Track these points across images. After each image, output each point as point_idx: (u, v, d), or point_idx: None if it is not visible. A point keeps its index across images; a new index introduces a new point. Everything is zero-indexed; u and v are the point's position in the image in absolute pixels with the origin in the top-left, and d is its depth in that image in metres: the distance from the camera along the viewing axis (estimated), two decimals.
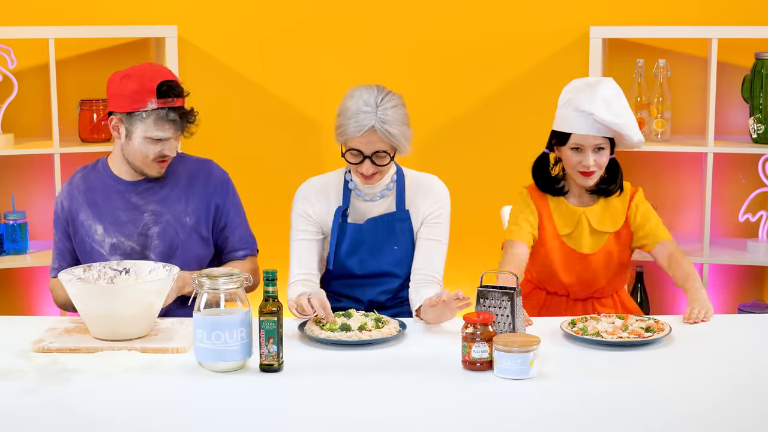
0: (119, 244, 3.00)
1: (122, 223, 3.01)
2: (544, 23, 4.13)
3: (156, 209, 3.02)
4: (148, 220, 3.01)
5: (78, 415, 2.22)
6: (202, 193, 3.05)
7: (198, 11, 4.14)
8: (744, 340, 2.72)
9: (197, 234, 3.04)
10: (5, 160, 4.08)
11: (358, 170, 2.95)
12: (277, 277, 2.47)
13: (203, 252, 3.07)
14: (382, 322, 2.70)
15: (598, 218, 3.17)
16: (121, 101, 2.92)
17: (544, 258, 3.18)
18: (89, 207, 3.02)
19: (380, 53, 4.18)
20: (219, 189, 3.07)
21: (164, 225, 3.01)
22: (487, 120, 4.22)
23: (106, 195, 3.03)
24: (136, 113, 2.91)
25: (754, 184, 4.08)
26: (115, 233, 3.00)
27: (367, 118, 2.87)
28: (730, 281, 4.20)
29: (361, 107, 2.89)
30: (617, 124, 3.05)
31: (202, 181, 3.06)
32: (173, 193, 3.03)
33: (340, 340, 2.63)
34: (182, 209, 3.03)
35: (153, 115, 2.91)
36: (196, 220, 3.04)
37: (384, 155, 2.92)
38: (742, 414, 2.22)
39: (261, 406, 2.28)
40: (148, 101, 2.90)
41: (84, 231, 3.02)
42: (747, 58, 4.03)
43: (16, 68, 3.95)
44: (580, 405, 2.27)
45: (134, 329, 2.65)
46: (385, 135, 2.88)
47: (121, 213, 3.01)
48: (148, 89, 2.89)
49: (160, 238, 3.00)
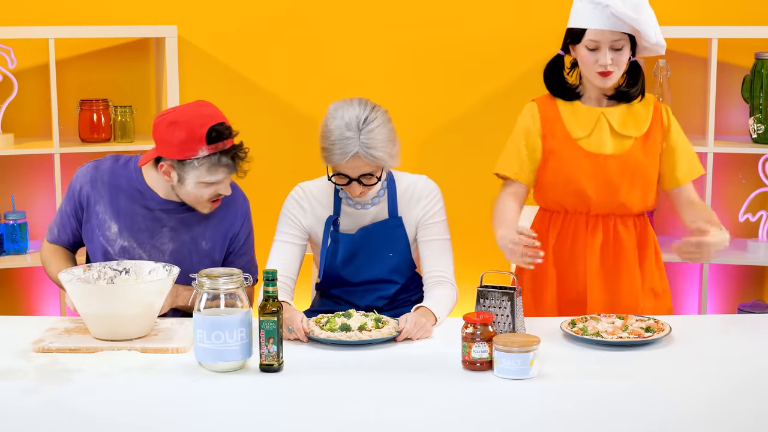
0: (130, 248, 2.98)
1: (139, 230, 2.98)
2: (544, 23, 4.13)
3: (176, 227, 2.99)
4: (166, 236, 2.99)
5: (78, 415, 2.22)
6: (222, 220, 3.03)
7: (198, 11, 4.14)
8: (744, 340, 2.71)
9: (209, 259, 3.02)
10: (5, 160, 4.08)
11: (346, 189, 2.94)
12: (277, 277, 2.47)
13: None
14: (381, 323, 2.70)
15: (621, 120, 2.99)
16: (170, 149, 2.85)
17: (558, 169, 3.00)
18: (110, 203, 2.98)
19: (380, 53, 4.18)
20: (239, 218, 3.06)
21: (179, 245, 2.99)
22: (486, 120, 4.22)
23: (130, 198, 2.98)
24: (188, 161, 2.85)
25: (754, 184, 4.08)
26: (129, 237, 2.98)
27: (351, 144, 2.81)
28: (730, 281, 4.20)
29: (344, 132, 2.82)
30: (634, 19, 2.87)
31: (224, 209, 3.03)
32: (195, 215, 3.00)
33: (340, 340, 2.63)
34: (201, 233, 3.01)
35: (205, 162, 2.84)
36: (211, 246, 3.02)
37: (370, 177, 2.89)
38: (742, 414, 2.22)
39: (261, 406, 2.28)
40: (198, 149, 2.83)
41: (97, 222, 2.99)
42: (747, 58, 4.03)
43: (16, 68, 3.95)
44: (580, 405, 2.27)
45: (134, 329, 2.65)
46: (370, 159, 2.83)
47: (141, 219, 2.98)
48: (198, 137, 2.82)
49: (173, 257, 2.98)
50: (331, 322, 2.70)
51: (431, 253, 2.98)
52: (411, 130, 4.17)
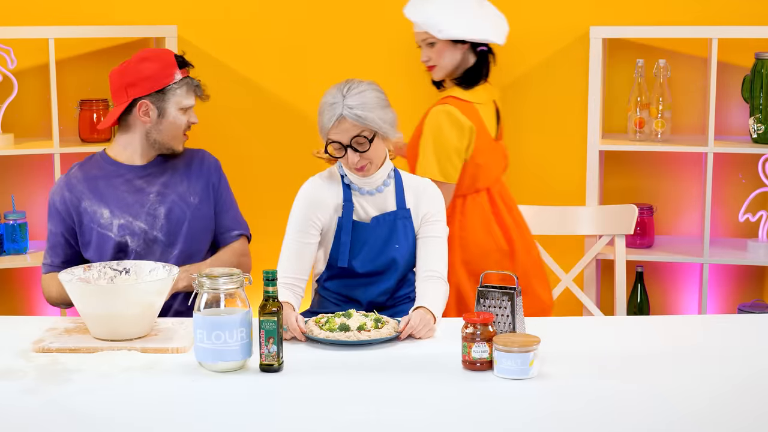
0: (127, 224, 3.04)
1: (129, 204, 3.06)
2: (544, 23, 4.13)
3: (160, 190, 3.09)
4: (154, 200, 3.08)
5: (78, 415, 2.22)
6: (200, 175, 3.15)
7: (198, 11, 4.14)
8: (744, 340, 2.71)
9: (201, 212, 3.11)
10: (5, 160, 4.08)
11: (345, 163, 2.95)
12: (277, 277, 2.47)
13: (209, 228, 3.14)
14: (381, 323, 2.70)
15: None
16: (148, 83, 3.02)
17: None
18: (92, 193, 3.06)
19: (380, 53, 4.18)
20: (214, 171, 3.18)
21: (170, 204, 3.08)
22: None
23: (109, 181, 3.08)
24: (168, 88, 3.03)
25: (754, 184, 4.08)
26: (123, 214, 3.05)
27: (336, 107, 2.91)
28: (730, 281, 4.20)
29: (329, 99, 2.93)
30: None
31: (197, 165, 3.17)
32: (174, 177, 3.12)
33: (339, 341, 2.63)
34: (185, 190, 3.11)
35: (183, 84, 3.06)
36: (200, 199, 3.12)
37: (363, 141, 2.92)
38: (743, 414, 2.22)
39: (261, 406, 2.28)
40: (174, 73, 3.04)
41: (89, 218, 3.05)
42: (747, 58, 4.03)
43: (16, 68, 3.95)
44: (580, 405, 2.27)
45: (134, 329, 2.65)
46: (355, 119, 2.90)
47: (127, 195, 3.07)
48: (170, 62, 3.04)
49: (168, 218, 3.07)
50: (330, 322, 2.69)
51: (429, 250, 2.99)
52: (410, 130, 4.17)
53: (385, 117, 2.94)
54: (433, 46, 3.39)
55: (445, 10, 3.37)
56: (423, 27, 3.38)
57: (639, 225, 3.99)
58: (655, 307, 4.19)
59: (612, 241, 3.55)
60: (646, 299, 4.05)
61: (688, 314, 4.14)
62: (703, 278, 3.93)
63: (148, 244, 3.04)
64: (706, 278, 3.93)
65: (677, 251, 4.01)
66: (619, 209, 3.49)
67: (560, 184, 4.19)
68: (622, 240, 3.45)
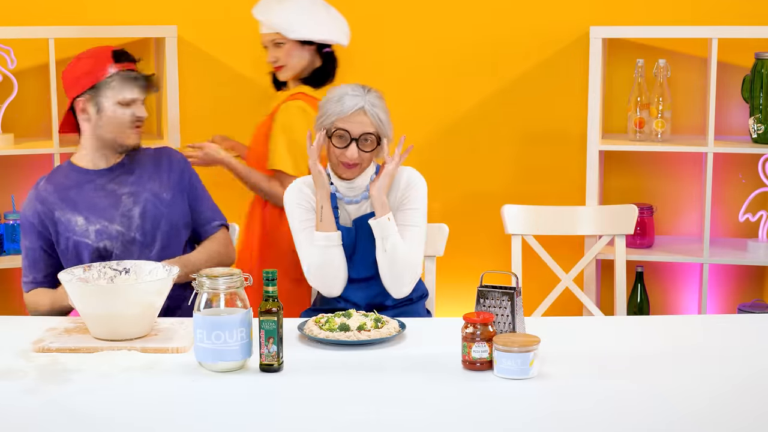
0: (103, 229, 3.03)
1: (102, 209, 3.05)
2: (544, 23, 4.13)
3: (132, 190, 3.09)
4: (127, 202, 3.07)
5: (78, 415, 2.22)
6: (171, 170, 3.16)
7: (198, 11, 4.14)
8: (744, 340, 2.71)
9: (177, 206, 3.12)
10: (5, 160, 4.08)
11: (342, 157, 2.93)
12: (276, 277, 2.47)
13: (184, 222, 3.13)
14: (381, 322, 2.70)
15: None
16: (82, 81, 3.04)
17: None
18: (64, 203, 3.06)
19: (380, 54, 4.18)
20: (184, 166, 3.20)
21: (144, 203, 3.07)
22: (487, 120, 4.22)
23: (79, 188, 3.08)
24: (101, 83, 3.03)
25: (754, 184, 4.08)
26: (98, 219, 3.04)
27: (356, 99, 2.93)
28: (730, 281, 4.20)
29: (349, 92, 2.95)
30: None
31: (166, 162, 3.17)
32: (144, 176, 3.12)
33: (339, 340, 2.63)
34: (157, 187, 3.11)
35: (116, 78, 3.04)
36: (173, 194, 3.12)
37: (371, 140, 2.92)
38: (742, 414, 2.22)
39: (261, 406, 2.28)
40: (107, 67, 3.03)
41: (63, 227, 3.04)
42: (747, 58, 4.03)
43: (16, 68, 3.96)
44: (580, 405, 2.27)
45: (134, 329, 2.65)
46: (375, 117, 2.93)
47: (99, 200, 3.06)
48: (103, 58, 3.05)
49: (143, 217, 3.06)
50: (330, 322, 2.69)
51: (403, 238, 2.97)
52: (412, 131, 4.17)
53: (390, 126, 2.99)
54: (282, 47, 3.54)
55: (295, 12, 3.51)
56: (273, 27, 3.53)
57: (639, 225, 3.99)
58: (655, 307, 4.19)
59: (612, 241, 3.55)
60: (646, 299, 4.05)
61: (688, 314, 4.14)
62: (703, 278, 3.93)
63: (126, 246, 3.03)
64: (706, 278, 3.93)
65: (677, 251, 4.01)
66: (619, 209, 3.49)
67: (560, 184, 4.19)
68: (622, 240, 3.45)
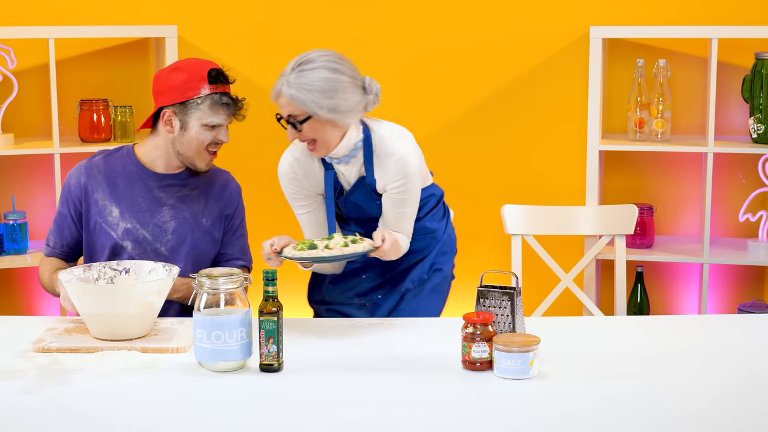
0: (133, 230, 3.01)
1: (140, 210, 3.03)
2: (544, 23, 4.13)
3: (176, 205, 3.05)
4: (166, 214, 3.03)
5: (78, 415, 2.22)
6: (219, 198, 3.10)
7: (198, 11, 4.14)
8: (744, 340, 2.72)
9: (210, 236, 3.07)
10: (5, 160, 4.09)
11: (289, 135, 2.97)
12: (277, 276, 2.47)
13: (212, 252, 3.10)
14: (357, 242, 2.73)
15: None
16: (172, 93, 2.97)
17: None
18: (108, 187, 3.03)
19: (380, 54, 4.18)
20: (234, 198, 3.14)
21: (181, 221, 3.04)
22: (487, 120, 4.22)
23: (128, 180, 3.05)
24: (191, 101, 2.97)
25: (754, 184, 4.08)
26: (131, 219, 3.02)
27: (279, 82, 2.90)
28: (730, 281, 4.20)
29: (283, 71, 2.90)
30: None
31: (220, 188, 3.11)
32: (193, 194, 3.07)
33: (303, 257, 2.67)
34: (200, 210, 3.06)
35: (207, 100, 2.98)
36: (211, 223, 3.07)
37: (300, 119, 2.88)
38: (742, 414, 2.22)
39: (261, 406, 2.28)
40: (200, 88, 2.96)
41: (97, 210, 3.02)
42: (747, 58, 4.03)
43: (16, 68, 3.95)
44: (580, 405, 2.27)
45: (134, 329, 2.65)
46: (290, 98, 2.86)
47: (141, 200, 3.03)
48: (199, 76, 2.96)
49: (175, 234, 3.03)
50: (304, 243, 2.73)
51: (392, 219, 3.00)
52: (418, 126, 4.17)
53: (324, 102, 2.84)
54: None
55: None
56: None
57: (639, 225, 3.99)
58: (655, 307, 4.19)
59: (612, 241, 3.55)
60: (646, 299, 4.05)
61: (688, 314, 4.14)
62: (703, 278, 3.93)
63: (148, 254, 3.01)
64: (706, 278, 3.93)
65: (677, 251, 4.01)
66: (619, 209, 3.49)
67: (560, 184, 4.20)
68: (622, 240, 3.45)
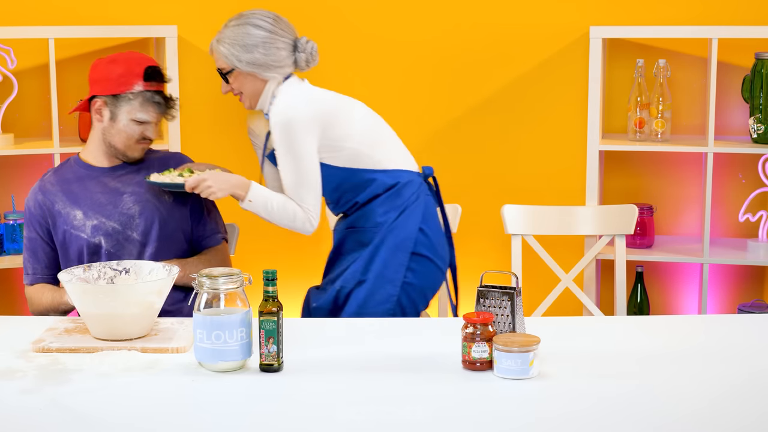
0: (100, 225, 3.06)
1: (102, 205, 3.09)
2: (544, 23, 4.13)
3: (135, 190, 3.12)
4: (128, 201, 3.10)
5: (78, 415, 2.22)
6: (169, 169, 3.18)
7: (198, 11, 4.14)
8: (744, 340, 2.71)
9: (179, 213, 3.14)
10: (5, 160, 4.09)
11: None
12: (276, 276, 2.47)
13: (182, 228, 3.14)
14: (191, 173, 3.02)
15: None
16: (107, 84, 3.05)
17: None
18: (65, 195, 3.10)
19: (380, 54, 4.18)
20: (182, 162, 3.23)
21: (144, 203, 3.10)
22: (487, 120, 4.22)
23: (82, 183, 3.12)
24: (123, 95, 3.05)
25: (754, 184, 4.08)
26: (96, 215, 3.07)
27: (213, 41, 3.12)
28: (730, 281, 4.20)
29: None
30: None
31: (173, 166, 3.20)
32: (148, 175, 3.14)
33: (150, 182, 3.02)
34: (160, 189, 3.12)
35: (140, 97, 3.06)
36: (174, 198, 3.14)
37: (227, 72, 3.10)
38: (742, 414, 2.22)
39: (261, 406, 2.28)
40: (134, 84, 3.05)
41: (62, 220, 3.08)
42: (747, 58, 4.03)
43: (16, 68, 3.96)
44: (580, 405, 2.27)
45: (134, 329, 2.65)
46: (216, 52, 3.11)
47: (100, 196, 3.10)
48: (134, 72, 3.06)
49: (142, 216, 3.09)
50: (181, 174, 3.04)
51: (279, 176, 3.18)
52: (417, 127, 4.18)
53: (242, 56, 3.06)
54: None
55: None
56: None
57: (639, 225, 3.99)
58: (655, 307, 4.19)
59: (612, 241, 3.55)
60: (646, 299, 4.05)
61: (688, 314, 4.14)
62: (703, 278, 3.93)
63: (122, 244, 3.07)
64: (706, 278, 3.93)
65: (677, 251, 4.01)
66: (619, 209, 3.50)
67: (560, 184, 4.20)
68: (622, 240, 3.46)
